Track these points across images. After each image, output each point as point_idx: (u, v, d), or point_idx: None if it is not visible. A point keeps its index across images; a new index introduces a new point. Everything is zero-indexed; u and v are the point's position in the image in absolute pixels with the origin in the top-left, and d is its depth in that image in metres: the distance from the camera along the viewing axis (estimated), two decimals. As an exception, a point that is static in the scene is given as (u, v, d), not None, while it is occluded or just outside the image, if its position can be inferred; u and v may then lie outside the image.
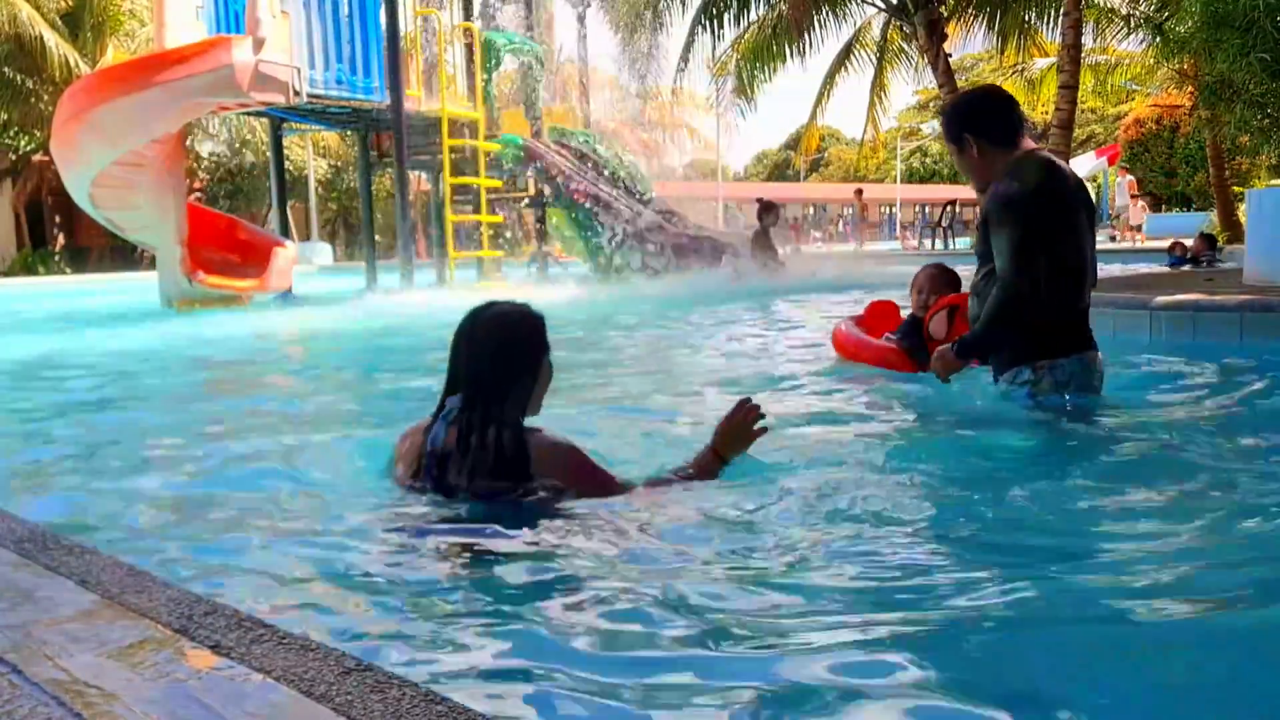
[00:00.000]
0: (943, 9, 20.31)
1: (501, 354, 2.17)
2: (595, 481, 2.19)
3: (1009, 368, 3.14)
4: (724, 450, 2.36)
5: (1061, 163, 3.17)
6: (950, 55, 21.03)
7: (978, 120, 3.18)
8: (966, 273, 3.60)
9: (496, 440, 2.10)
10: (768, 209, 12.60)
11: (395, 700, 1.05)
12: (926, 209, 41.79)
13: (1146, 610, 1.59)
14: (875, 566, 1.82)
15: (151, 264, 11.22)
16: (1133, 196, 22.58)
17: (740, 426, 2.36)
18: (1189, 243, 11.76)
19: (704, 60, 22.44)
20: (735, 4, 21.24)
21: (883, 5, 21.31)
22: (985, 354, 3.23)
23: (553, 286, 12.27)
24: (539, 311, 2.26)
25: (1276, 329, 4.47)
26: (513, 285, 13.01)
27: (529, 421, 2.21)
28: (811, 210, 47.99)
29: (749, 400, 2.38)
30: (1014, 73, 24.54)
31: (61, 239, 25.48)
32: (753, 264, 11.96)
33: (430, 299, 9.75)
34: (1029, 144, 3.13)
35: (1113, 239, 24.86)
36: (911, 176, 54.02)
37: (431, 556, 1.91)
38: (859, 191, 26.93)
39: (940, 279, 4.09)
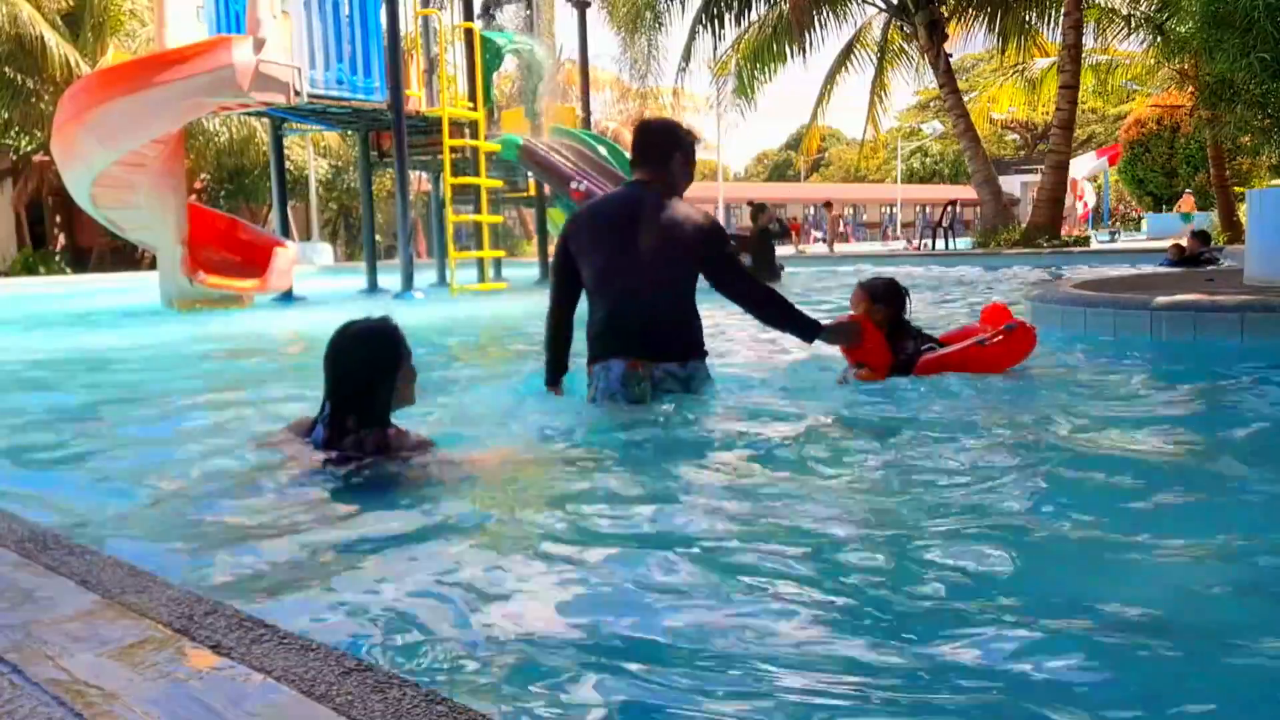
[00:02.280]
0: (943, 9, 20.32)
1: (365, 364, 2.48)
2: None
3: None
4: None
5: (608, 195, 3.79)
6: (951, 55, 21.05)
7: None
8: (963, 271, 3.63)
9: (361, 439, 2.46)
10: (760, 210, 12.65)
11: (395, 700, 1.05)
12: (927, 209, 41.82)
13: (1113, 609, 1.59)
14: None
15: (152, 264, 11.23)
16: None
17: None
18: (1185, 243, 11.77)
19: (704, 60, 22.48)
20: (736, 4, 21.24)
21: (883, 5, 21.32)
22: (553, 367, 3.56)
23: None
24: (395, 324, 2.57)
25: (1277, 329, 4.47)
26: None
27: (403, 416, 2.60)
28: (812, 210, 48.00)
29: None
30: (1014, 73, 24.56)
31: (62, 239, 25.48)
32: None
33: (446, 310, 9.75)
34: (638, 176, 3.52)
35: (1113, 237, 24.87)
36: (912, 177, 54.01)
37: (434, 556, 1.92)
38: (828, 204, 28.47)
39: (856, 294, 3.96)
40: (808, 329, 3.54)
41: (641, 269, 3.39)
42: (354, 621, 1.62)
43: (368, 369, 2.48)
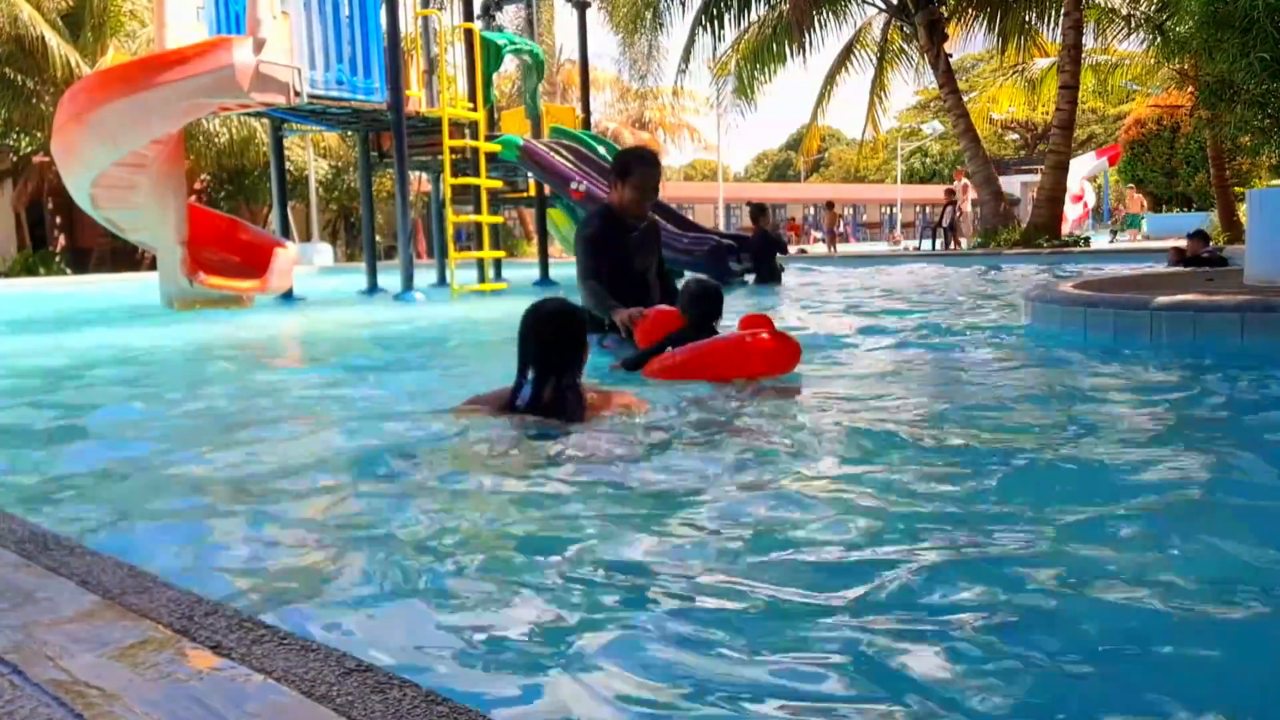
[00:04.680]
0: (943, 9, 20.32)
1: (559, 339, 2.98)
2: (626, 407, 3.12)
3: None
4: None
5: None
6: (950, 55, 21.05)
7: None
8: (959, 272, 3.61)
9: (564, 398, 2.94)
10: (760, 211, 12.66)
11: (396, 701, 1.05)
12: (927, 210, 41.83)
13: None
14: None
15: (152, 265, 11.22)
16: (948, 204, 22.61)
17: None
18: (1184, 245, 11.75)
19: (704, 61, 22.50)
20: (735, 4, 21.25)
21: (883, 5, 21.33)
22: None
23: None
24: (575, 304, 3.15)
25: (1277, 330, 4.46)
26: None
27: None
28: (812, 210, 48.05)
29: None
30: (1014, 73, 24.57)
31: (62, 240, 25.49)
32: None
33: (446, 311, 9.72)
34: None
35: (1113, 237, 24.87)
36: (912, 177, 54.02)
37: (435, 555, 1.92)
38: (829, 205, 28.91)
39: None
40: (606, 312, 4.44)
41: None
42: (355, 621, 1.62)
43: (566, 339, 2.99)
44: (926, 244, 22.48)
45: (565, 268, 16.66)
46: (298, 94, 9.08)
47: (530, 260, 18.19)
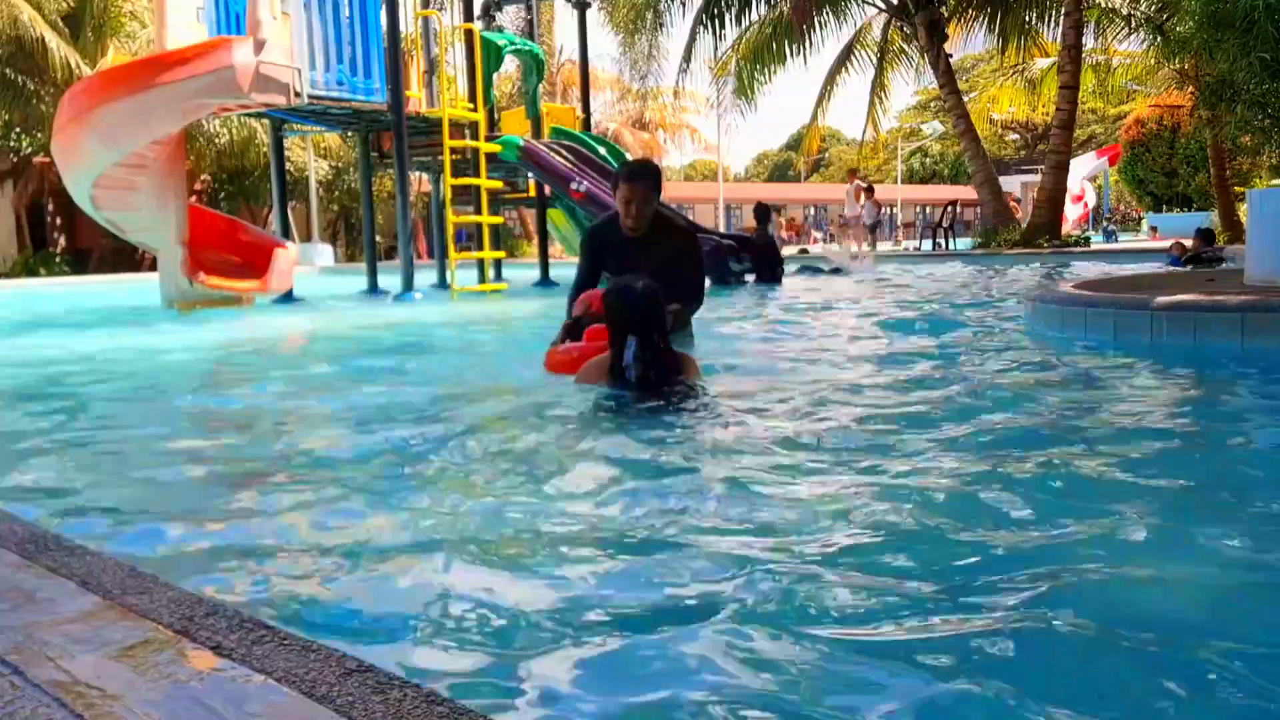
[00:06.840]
0: (943, 9, 20.33)
1: (654, 310, 3.51)
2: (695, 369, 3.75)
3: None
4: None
5: None
6: (951, 56, 21.05)
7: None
8: (947, 270, 3.60)
9: (661, 356, 3.49)
10: (765, 211, 12.64)
11: (396, 701, 1.05)
12: (927, 210, 41.85)
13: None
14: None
15: (152, 266, 11.22)
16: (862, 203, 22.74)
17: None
18: (1188, 243, 11.77)
19: (705, 61, 22.51)
20: (736, 4, 21.26)
21: (883, 5, 21.34)
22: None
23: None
24: (650, 281, 3.57)
25: (1278, 330, 4.46)
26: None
27: None
28: (812, 210, 48.05)
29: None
30: (1014, 73, 24.57)
31: (63, 241, 25.48)
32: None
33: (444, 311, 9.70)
34: None
35: (1113, 237, 24.85)
36: (912, 177, 54.01)
37: (437, 555, 1.92)
38: (778, 210, 29.58)
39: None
40: (569, 315, 4.48)
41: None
42: (355, 621, 1.62)
43: (657, 307, 3.52)
44: (927, 244, 22.45)
45: (565, 268, 16.63)
46: (298, 94, 9.07)
47: (530, 260, 18.18)
